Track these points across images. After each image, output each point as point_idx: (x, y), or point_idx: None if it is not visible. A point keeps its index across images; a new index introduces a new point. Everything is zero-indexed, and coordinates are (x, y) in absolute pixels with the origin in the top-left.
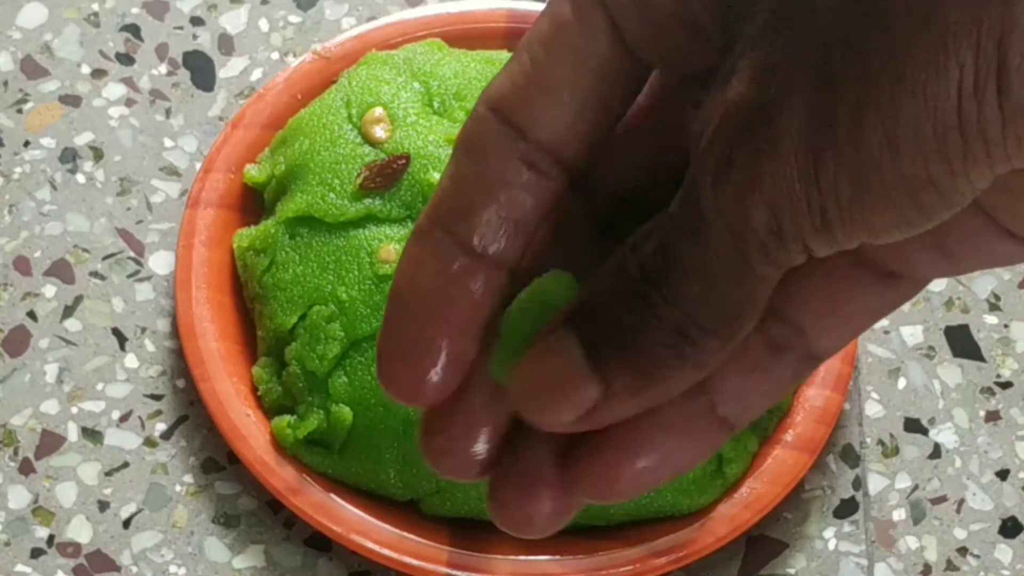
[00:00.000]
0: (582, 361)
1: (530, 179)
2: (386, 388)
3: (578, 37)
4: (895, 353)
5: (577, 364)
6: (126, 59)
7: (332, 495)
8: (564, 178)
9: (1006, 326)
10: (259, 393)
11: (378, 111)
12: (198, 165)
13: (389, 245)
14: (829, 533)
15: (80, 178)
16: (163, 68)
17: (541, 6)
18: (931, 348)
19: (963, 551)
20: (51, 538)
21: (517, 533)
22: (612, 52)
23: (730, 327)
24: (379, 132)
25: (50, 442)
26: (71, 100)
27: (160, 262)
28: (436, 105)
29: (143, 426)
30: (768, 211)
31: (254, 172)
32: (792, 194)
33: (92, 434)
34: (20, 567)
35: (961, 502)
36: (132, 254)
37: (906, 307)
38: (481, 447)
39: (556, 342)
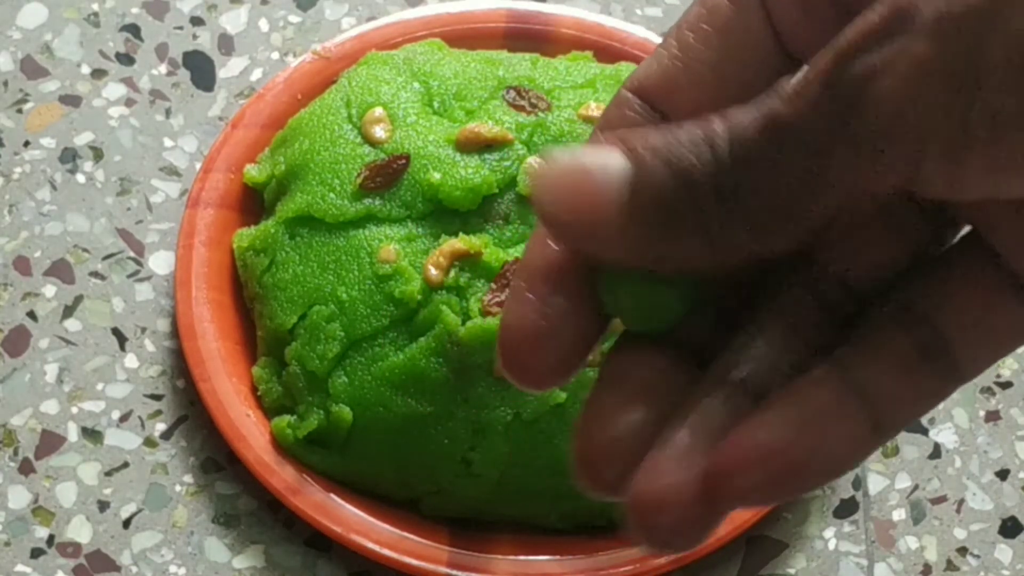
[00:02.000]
0: (621, 173)
1: None
2: (506, 362)
3: (729, 21)
4: None
5: (615, 173)
6: (126, 59)
7: (332, 495)
8: None
9: None
10: (259, 393)
11: (378, 111)
12: (198, 165)
13: (389, 245)
14: (829, 533)
15: (80, 178)
16: (163, 68)
17: (541, 6)
18: None
19: (963, 551)
20: (51, 538)
21: (665, 546)
22: (762, 40)
23: (770, 233)
24: (379, 132)
25: (50, 442)
26: (71, 100)
27: (160, 262)
28: (436, 105)
29: (143, 426)
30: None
31: (254, 172)
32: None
33: (92, 434)
34: (20, 567)
35: (961, 502)
36: (132, 254)
37: None
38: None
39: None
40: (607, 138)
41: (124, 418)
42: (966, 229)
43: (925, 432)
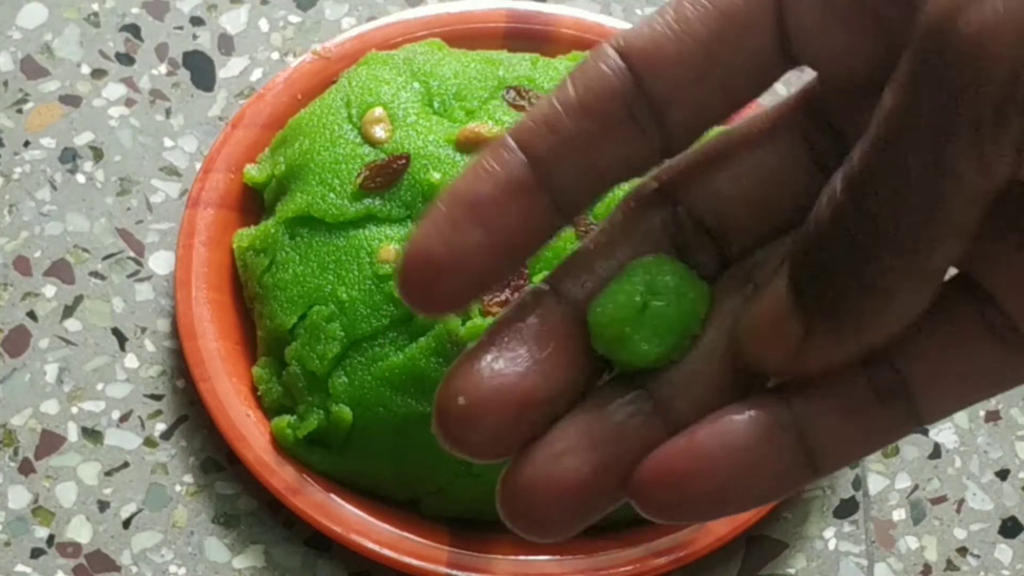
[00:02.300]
0: (787, 297)
1: (627, 130)
2: (402, 282)
3: (733, 4)
4: None
5: (783, 301)
6: (126, 59)
7: (332, 495)
8: (657, 145)
9: None
10: (259, 393)
11: (378, 111)
12: (198, 165)
13: (389, 245)
14: (829, 533)
15: (80, 178)
16: (163, 68)
17: (541, 6)
18: None
19: (963, 551)
20: (51, 538)
21: (528, 532)
22: (763, 31)
23: (926, 254)
24: (379, 132)
25: (50, 442)
26: (71, 100)
27: (160, 262)
28: (436, 105)
29: (143, 426)
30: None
31: (254, 172)
32: None
33: (92, 434)
34: (20, 567)
35: (961, 502)
36: (132, 254)
37: None
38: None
39: (773, 283)
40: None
41: (124, 418)
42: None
43: (925, 432)
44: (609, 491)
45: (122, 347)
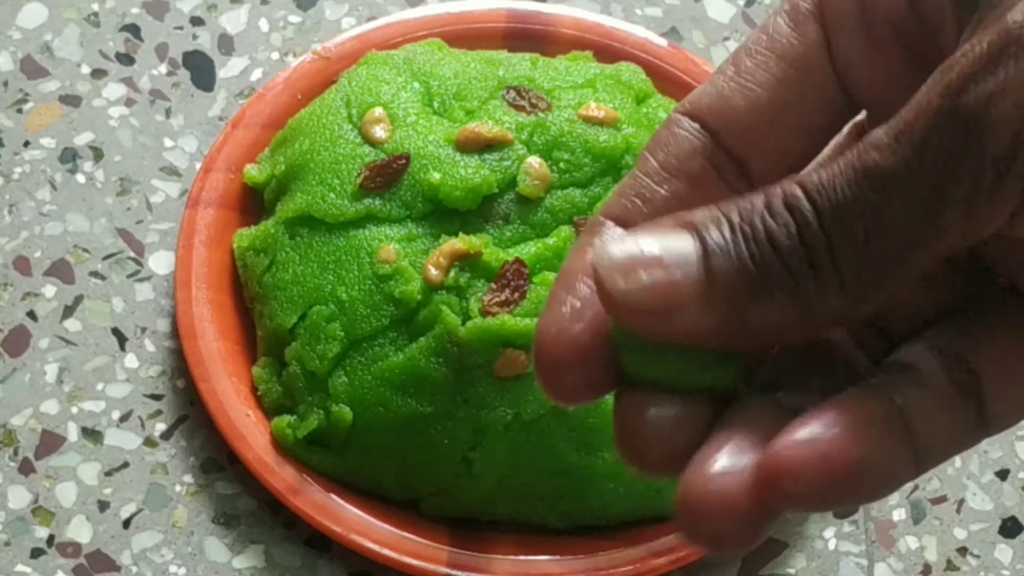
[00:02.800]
0: (694, 253)
1: (715, 185)
2: (540, 369)
3: (789, 48)
4: None
5: (687, 254)
6: (126, 59)
7: (332, 495)
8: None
9: None
10: (259, 393)
11: (378, 111)
12: (198, 165)
13: (389, 245)
14: (829, 533)
15: (80, 178)
16: (163, 68)
17: (541, 6)
18: None
19: (963, 551)
20: (51, 538)
21: (706, 544)
22: (821, 70)
23: (864, 294)
24: (379, 132)
25: (50, 442)
26: (71, 100)
27: (160, 262)
28: (436, 105)
29: (143, 426)
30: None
31: (254, 172)
32: None
33: (92, 434)
34: (20, 567)
35: (961, 502)
36: (132, 254)
37: None
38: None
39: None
40: (670, 220)
41: (124, 418)
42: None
43: None
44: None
45: (122, 347)
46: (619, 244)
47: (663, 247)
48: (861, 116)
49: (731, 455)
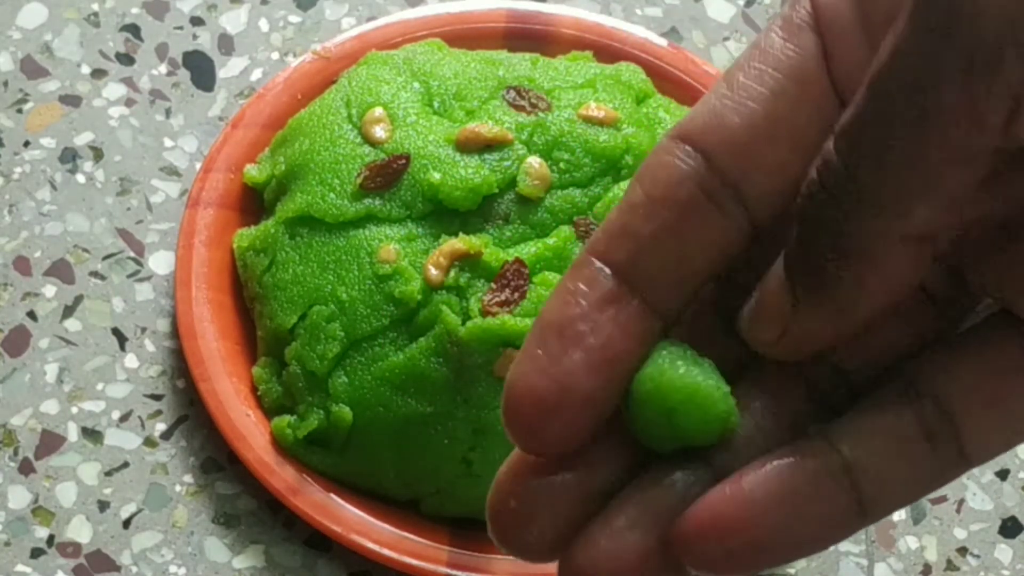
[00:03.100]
0: (780, 276)
1: (706, 213)
2: (510, 424)
3: (784, 60)
4: None
5: (778, 280)
6: (126, 59)
7: (332, 495)
8: (744, 222)
9: None
10: (259, 393)
11: (378, 111)
12: (198, 165)
13: (389, 245)
14: None
15: (80, 178)
16: (163, 68)
17: (541, 6)
18: None
19: (963, 551)
20: (51, 538)
21: None
22: (818, 81)
23: (906, 215)
24: (379, 132)
25: (50, 442)
26: (71, 100)
27: (160, 262)
28: (436, 105)
29: (143, 426)
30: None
31: (254, 172)
32: None
33: (92, 434)
34: (20, 567)
35: (961, 502)
36: (132, 254)
37: None
38: (561, 522)
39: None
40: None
41: (124, 418)
42: (983, 311)
43: None
44: (677, 564)
45: (122, 347)
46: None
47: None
48: None
49: (632, 521)
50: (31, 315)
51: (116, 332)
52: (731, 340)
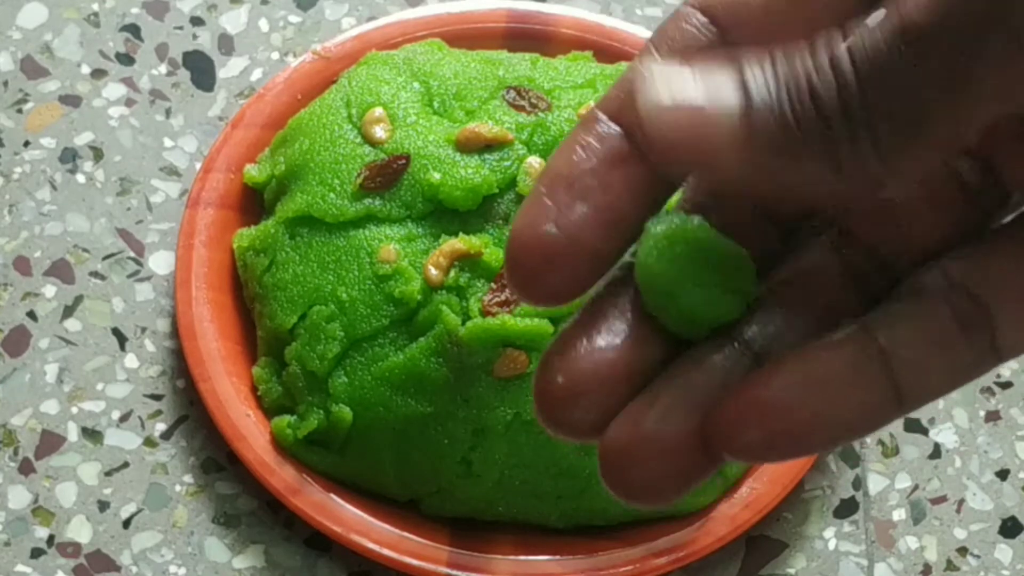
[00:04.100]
0: (736, 96)
1: None
2: (512, 271)
3: None
4: None
5: (730, 94)
6: (126, 59)
7: (332, 495)
8: None
9: None
10: (259, 393)
11: (378, 111)
12: (198, 165)
13: (389, 245)
14: (829, 533)
15: (80, 178)
16: (163, 68)
17: (541, 6)
18: None
19: (963, 551)
20: (51, 538)
21: (635, 500)
22: None
23: (899, 157)
24: (379, 132)
25: (50, 442)
26: (71, 100)
27: (160, 262)
28: (436, 105)
29: (143, 426)
30: None
31: (254, 172)
32: None
33: (92, 434)
34: (20, 567)
35: (961, 502)
36: (132, 254)
37: None
38: (608, 398)
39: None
40: (720, 60)
41: (124, 418)
42: (1015, 204)
43: (925, 432)
44: (716, 449)
45: (122, 347)
46: (664, 84)
47: (707, 93)
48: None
49: (674, 402)
50: (31, 315)
51: (116, 332)
52: (768, 228)
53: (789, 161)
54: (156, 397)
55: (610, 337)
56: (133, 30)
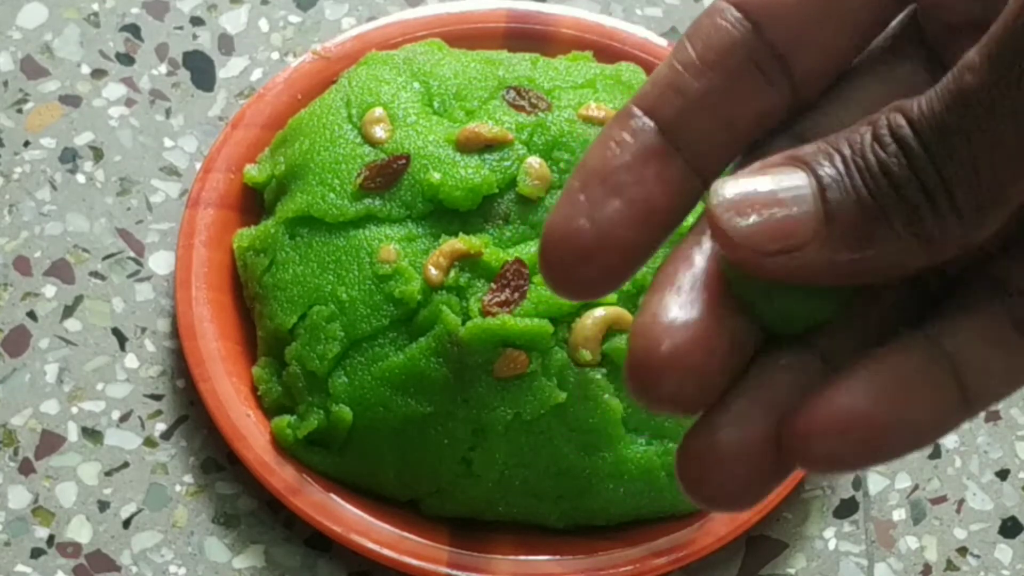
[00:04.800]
0: (810, 189)
1: (754, 82)
2: (547, 266)
3: None
4: None
5: (803, 190)
6: (126, 59)
7: (332, 495)
8: (787, 94)
9: None
10: (259, 393)
11: (378, 111)
12: (198, 165)
13: (389, 245)
14: (829, 533)
15: (80, 178)
16: (163, 68)
17: (541, 6)
18: None
19: (963, 551)
20: (51, 538)
21: (711, 505)
22: None
23: (981, 217)
24: (379, 132)
25: (50, 442)
26: (71, 100)
27: (160, 262)
28: (436, 105)
29: (143, 426)
30: None
31: (254, 172)
32: None
33: (92, 434)
34: (20, 567)
35: (961, 502)
36: (132, 254)
37: None
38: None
39: (785, 171)
40: (783, 158)
41: (124, 418)
42: None
43: None
44: (788, 459)
45: (122, 347)
46: (733, 184)
47: (778, 184)
48: (910, 9)
49: (750, 411)
50: (31, 315)
51: (116, 332)
52: None
53: (873, 239)
54: (156, 397)
55: (710, 320)
56: (133, 30)
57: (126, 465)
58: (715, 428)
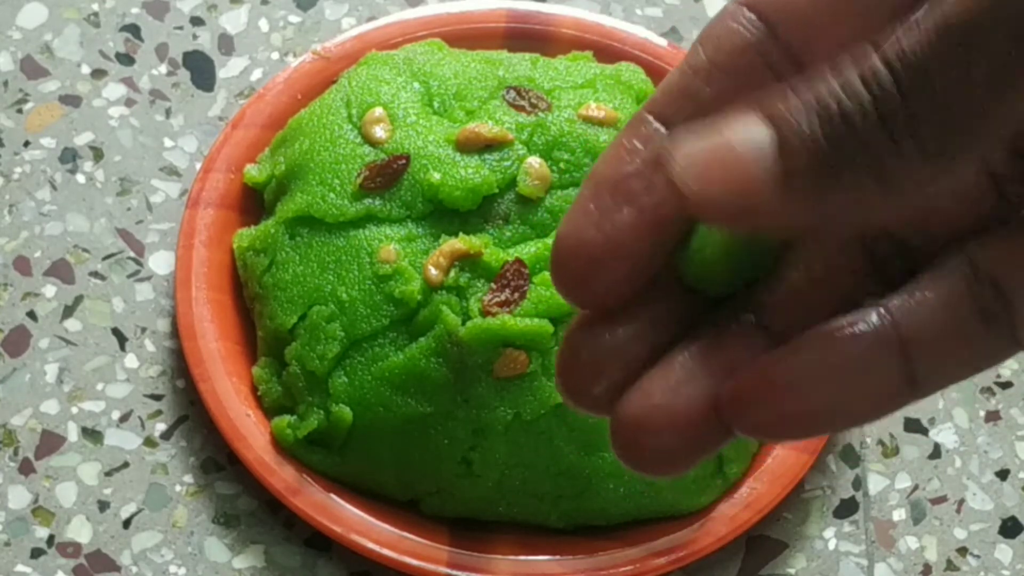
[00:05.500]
0: (768, 138)
1: (767, 83)
2: (557, 275)
3: None
4: None
5: (760, 138)
6: (126, 59)
7: (332, 495)
8: None
9: None
10: (259, 393)
11: (378, 111)
12: (198, 165)
13: (389, 245)
14: (829, 533)
15: (80, 178)
16: (163, 68)
17: (541, 6)
18: None
19: (963, 551)
20: (51, 538)
21: (645, 469)
22: None
23: (946, 161)
24: (379, 132)
25: (50, 442)
26: (71, 100)
27: (160, 262)
28: (436, 105)
29: (143, 426)
30: None
31: (254, 172)
32: None
33: (92, 434)
34: (20, 567)
35: (961, 502)
36: (132, 254)
37: None
38: (617, 372)
39: (741, 119)
40: (741, 106)
41: (124, 418)
42: None
43: (925, 432)
44: (727, 425)
45: (122, 347)
46: (690, 141)
47: (736, 139)
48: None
49: (679, 383)
50: (31, 315)
51: (116, 332)
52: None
53: (834, 189)
54: (156, 397)
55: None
56: (133, 30)
57: (126, 465)
58: (652, 393)
